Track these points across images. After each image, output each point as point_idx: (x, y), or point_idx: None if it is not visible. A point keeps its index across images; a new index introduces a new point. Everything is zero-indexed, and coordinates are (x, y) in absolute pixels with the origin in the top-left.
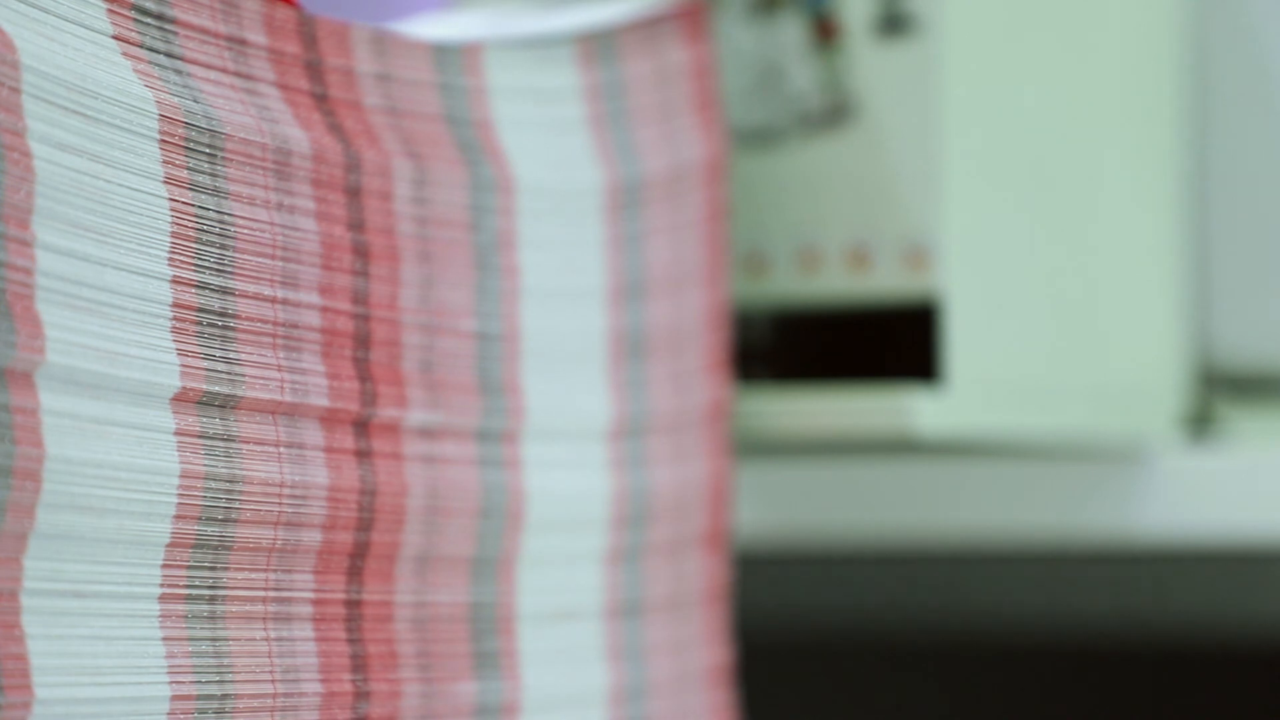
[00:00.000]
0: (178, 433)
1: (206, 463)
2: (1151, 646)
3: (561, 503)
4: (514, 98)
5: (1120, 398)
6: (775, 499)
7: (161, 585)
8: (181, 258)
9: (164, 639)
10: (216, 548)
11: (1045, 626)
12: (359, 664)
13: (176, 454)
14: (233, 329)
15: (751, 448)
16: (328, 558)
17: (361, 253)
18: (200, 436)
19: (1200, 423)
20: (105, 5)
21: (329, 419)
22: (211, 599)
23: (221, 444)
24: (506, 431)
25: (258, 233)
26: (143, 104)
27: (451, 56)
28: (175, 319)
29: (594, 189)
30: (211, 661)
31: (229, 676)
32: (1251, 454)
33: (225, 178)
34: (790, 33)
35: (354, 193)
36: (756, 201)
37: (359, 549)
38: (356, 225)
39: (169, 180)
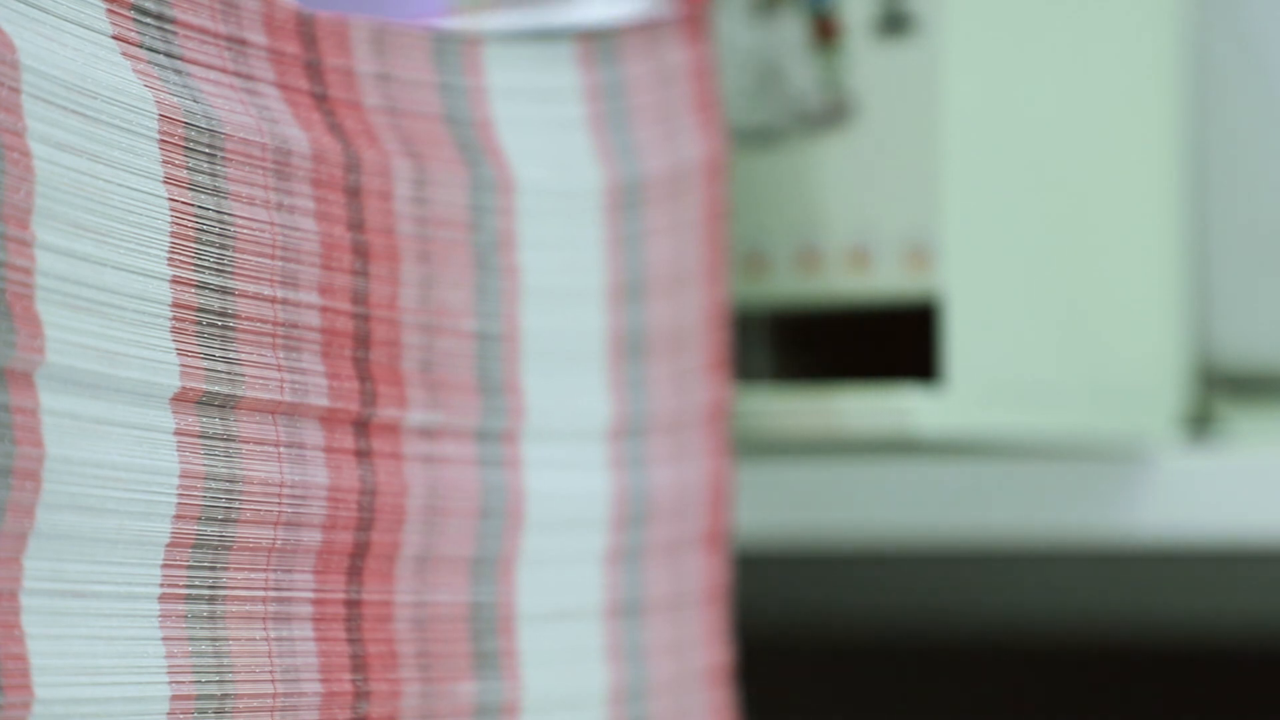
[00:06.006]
0: (178, 433)
1: (206, 463)
2: (1151, 646)
3: (561, 503)
4: (514, 97)
5: (1120, 398)
6: (775, 499)
7: (161, 585)
8: (181, 258)
9: (164, 639)
10: (216, 548)
11: (1045, 626)
12: (359, 664)
13: (176, 454)
14: (233, 329)
15: (751, 448)
16: (328, 558)
17: (361, 253)
18: (200, 436)
19: (1200, 423)
20: (105, 5)
21: (329, 419)
22: (211, 599)
23: (221, 444)
24: (506, 431)
25: (258, 233)
26: (142, 104)
27: (451, 56)
28: (175, 319)
29: (594, 189)
30: (211, 661)
31: (229, 676)
32: (1251, 454)
33: (225, 178)
34: (790, 33)
35: (354, 193)
36: (756, 201)
37: (359, 549)
38: (356, 225)
39: (169, 180)
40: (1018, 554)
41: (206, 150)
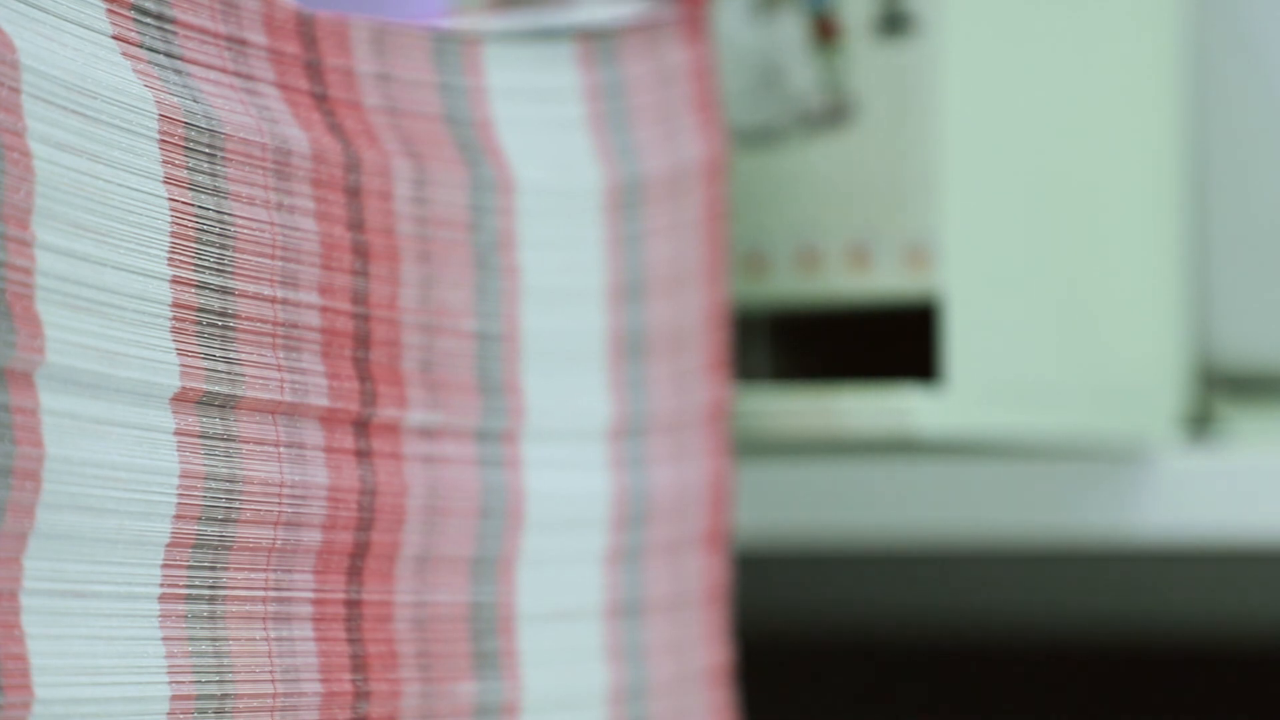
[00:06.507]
0: (178, 433)
1: (206, 463)
2: (1151, 646)
3: (561, 503)
4: (514, 97)
5: (1120, 398)
6: (775, 499)
7: (161, 585)
8: (181, 258)
9: (164, 639)
10: (216, 548)
11: (1045, 626)
12: (359, 664)
13: (176, 454)
14: (233, 329)
15: (751, 448)
16: (327, 558)
17: (361, 253)
18: (200, 436)
19: (1200, 423)
20: (105, 5)
21: (329, 419)
22: (211, 599)
23: (221, 444)
24: (506, 431)
25: (258, 233)
26: (142, 104)
27: (451, 56)
28: (175, 319)
29: (594, 189)
30: (211, 661)
31: (229, 676)
32: (1251, 454)
33: (225, 178)
34: (790, 32)
35: (354, 193)
36: (756, 201)
37: (359, 549)
38: (356, 225)
39: (169, 180)
40: (1018, 554)
41: (206, 150)
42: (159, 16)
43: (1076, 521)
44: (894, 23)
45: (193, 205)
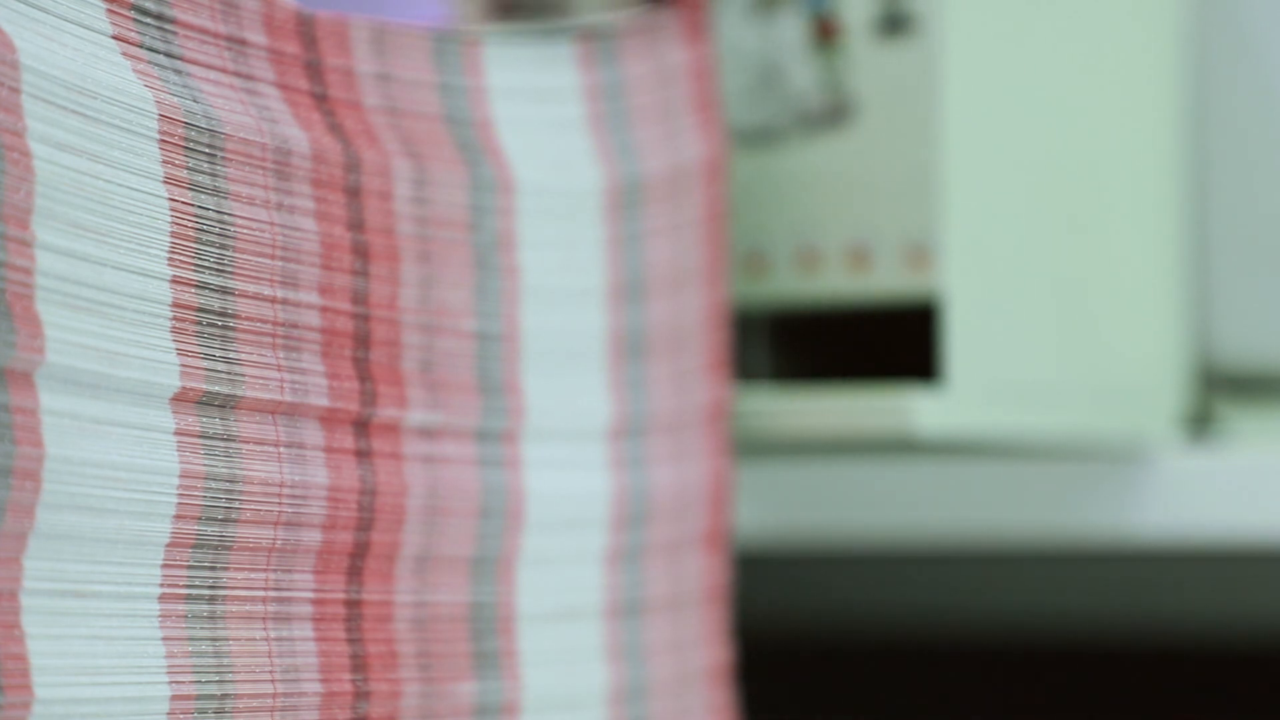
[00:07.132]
0: (178, 433)
1: (206, 463)
2: (1151, 646)
3: (561, 503)
4: (514, 97)
5: (1120, 398)
6: (775, 499)
7: (161, 585)
8: (181, 258)
9: (164, 639)
10: (216, 547)
11: (1045, 626)
12: (359, 664)
13: (176, 454)
14: (233, 329)
15: (751, 448)
16: (327, 557)
17: (361, 253)
18: (200, 436)
19: (1200, 423)
20: (105, 5)
21: (329, 419)
22: (211, 599)
23: (221, 444)
24: (506, 431)
25: (258, 233)
26: (142, 104)
27: (451, 56)
28: (175, 319)
29: (594, 189)
30: (211, 661)
31: (229, 676)
32: (1251, 454)
33: (225, 178)
34: (790, 32)
35: (354, 193)
36: (756, 201)
37: (359, 549)
38: (356, 225)
39: (169, 180)
40: (1018, 554)
41: (206, 150)
42: (159, 16)
43: (1076, 521)
44: (894, 23)
45: (193, 205)
